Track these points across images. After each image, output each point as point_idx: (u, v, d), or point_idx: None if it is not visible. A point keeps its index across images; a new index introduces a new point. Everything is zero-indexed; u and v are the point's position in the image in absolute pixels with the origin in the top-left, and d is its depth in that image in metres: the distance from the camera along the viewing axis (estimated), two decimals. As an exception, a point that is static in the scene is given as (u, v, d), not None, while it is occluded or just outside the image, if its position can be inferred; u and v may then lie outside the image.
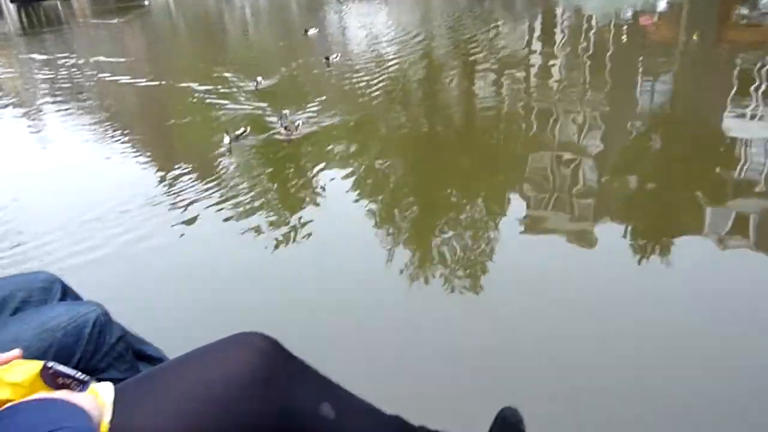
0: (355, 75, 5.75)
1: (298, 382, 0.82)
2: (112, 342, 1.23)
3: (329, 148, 3.88)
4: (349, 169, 3.44)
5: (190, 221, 2.97)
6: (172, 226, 2.93)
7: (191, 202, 3.17)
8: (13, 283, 1.27)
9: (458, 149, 3.83)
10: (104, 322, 1.22)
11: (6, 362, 0.66)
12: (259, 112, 4.81)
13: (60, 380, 0.65)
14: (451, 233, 2.61)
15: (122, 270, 2.54)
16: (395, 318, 2.02)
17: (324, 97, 4.95)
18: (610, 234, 2.51)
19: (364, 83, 5.39)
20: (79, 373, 0.66)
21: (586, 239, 2.51)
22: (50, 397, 0.54)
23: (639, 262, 2.26)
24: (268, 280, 2.39)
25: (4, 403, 0.60)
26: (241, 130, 4.16)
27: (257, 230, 2.81)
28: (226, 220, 2.95)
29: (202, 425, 0.72)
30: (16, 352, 0.66)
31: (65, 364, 0.70)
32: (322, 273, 2.38)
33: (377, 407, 0.92)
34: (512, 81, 5.22)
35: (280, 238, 2.71)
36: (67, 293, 1.32)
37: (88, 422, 0.54)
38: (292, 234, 2.74)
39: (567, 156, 3.42)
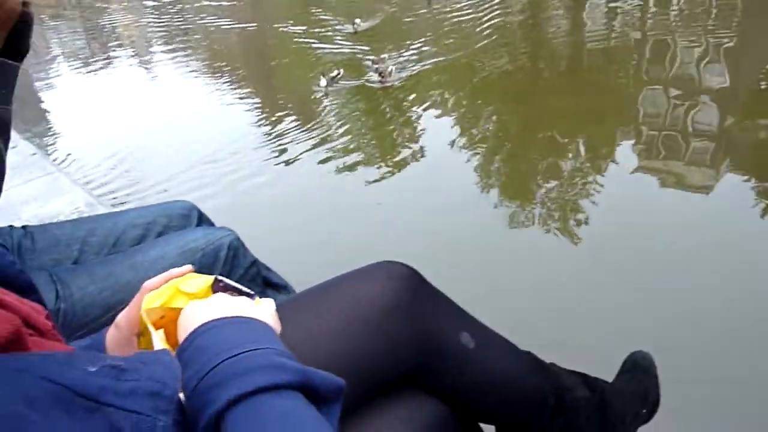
0: (459, 12, 5.50)
1: (438, 309, 0.84)
2: (246, 265, 1.31)
3: (427, 94, 3.80)
4: (449, 116, 3.39)
5: (296, 164, 3.07)
6: (275, 164, 3.03)
7: (299, 154, 3.22)
8: (157, 211, 1.37)
9: (566, 89, 3.63)
10: (237, 247, 1.30)
11: (181, 275, 0.70)
12: (358, 55, 4.77)
13: (229, 293, 0.69)
14: (554, 178, 2.53)
15: (240, 210, 2.67)
16: (497, 258, 2.05)
17: (424, 39, 4.81)
18: (732, 181, 2.32)
19: (470, 21, 5.15)
20: (245, 287, 0.70)
21: (704, 185, 2.34)
22: (243, 316, 0.57)
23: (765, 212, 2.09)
24: (374, 220, 2.45)
25: (180, 311, 0.64)
26: (335, 72, 4.16)
27: (361, 174, 2.86)
28: (339, 171, 2.99)
29: (354, 344, 0.76)
30: (189, 266, 0.70)
31: None
32: (426, 216, 2.40)
33: (511, 342, 0.92)
34: (626, 10, 4.81)
35: (382, 182, 2.74)
36: (202, 220, 1.41)
37: (281, 343, 0.56)
38: (394, 178, 2.76)
39: (685, 94, 3.15)
